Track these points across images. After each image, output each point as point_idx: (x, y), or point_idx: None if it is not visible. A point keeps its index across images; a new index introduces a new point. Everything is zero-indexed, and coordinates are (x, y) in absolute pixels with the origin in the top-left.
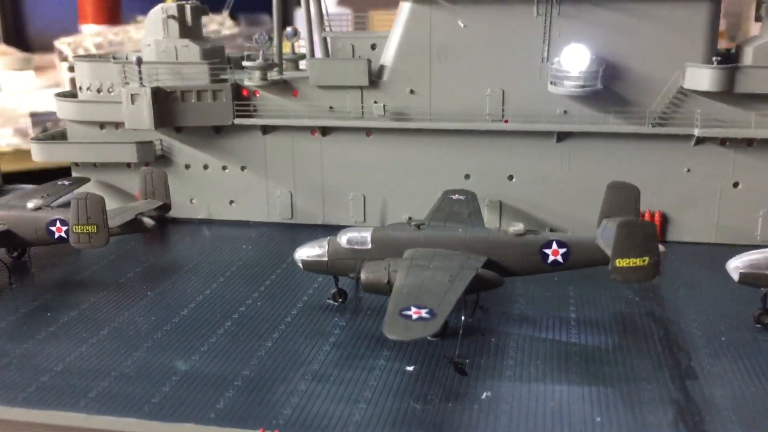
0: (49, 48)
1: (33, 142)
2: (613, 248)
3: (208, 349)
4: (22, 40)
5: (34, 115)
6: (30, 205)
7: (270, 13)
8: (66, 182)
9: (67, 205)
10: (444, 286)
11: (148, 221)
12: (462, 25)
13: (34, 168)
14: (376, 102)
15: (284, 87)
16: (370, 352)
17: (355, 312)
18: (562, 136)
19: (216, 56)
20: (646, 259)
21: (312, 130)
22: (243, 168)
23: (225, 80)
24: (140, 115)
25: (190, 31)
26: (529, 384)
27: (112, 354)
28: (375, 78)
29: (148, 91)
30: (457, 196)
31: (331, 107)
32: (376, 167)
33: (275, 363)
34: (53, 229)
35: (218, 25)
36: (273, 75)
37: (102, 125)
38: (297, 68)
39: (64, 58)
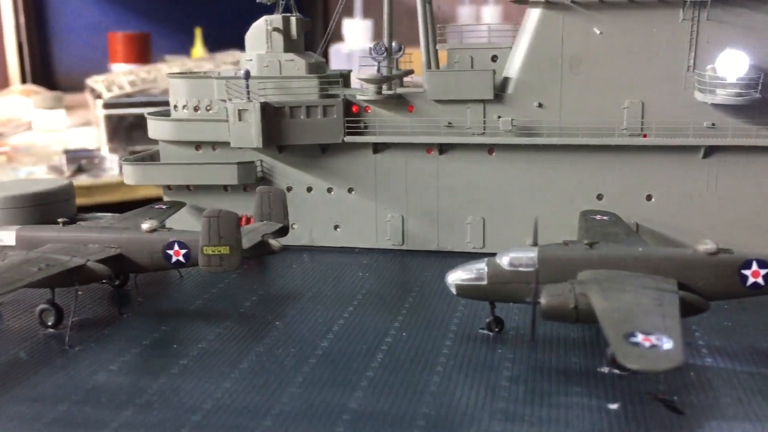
0: (76, 87)
1: (125, 164)
2: None
3: (369, 384)
4: (49, 79)
5: (68, 152)
6: (145, 226)
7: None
8: (163, 206)
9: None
10: (656, 311)
11: (276, 244)
12: (598, 32)
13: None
14: (499, 117)
15: (398, 102)
16: (556, 388)
17: (516, 342)
18: (709, 151)
19: (320, 71)
20: None
21: (428, 148)
22: (350, 190)
23: (335, 95)
24: (248, 133)
25: (294, 44)
26: (761, 424)
27: (262, 390)
28: (498, 91)
29: (257, 106)
30: (599, 216)
31: (449, 123)
32: (498, 187)
33: (453, 399)
34: (170, 252)
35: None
36: (386, 90)
37: (198, 146)
38: (401, 84)
39: (98, 96)
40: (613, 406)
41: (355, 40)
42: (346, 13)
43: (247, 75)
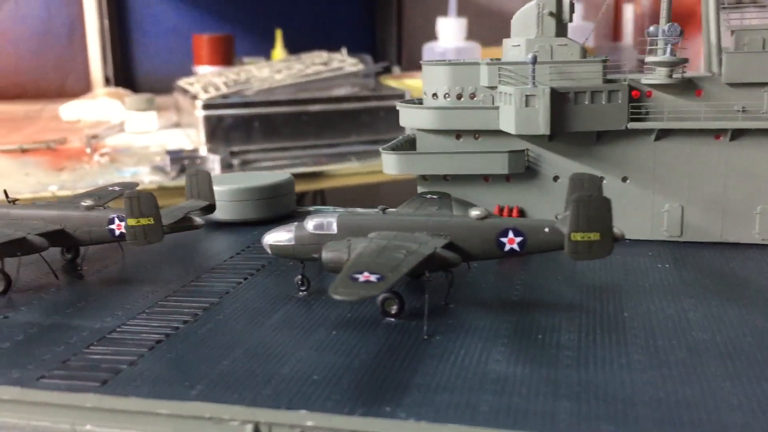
0: (156, 89)
1: (385, 153)
2: None
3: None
4: (130, 82)
5: (170, 153)
6: (474, 213)
7: (371, 53)
8: (434, 197)
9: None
10: None
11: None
12: None
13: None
14: None
15: (686, 86)
16: None
17: None
18: None
19: (584, 57)
20: None
21: (716, 134)
22: (624, 179)
23: (617, 80)
24: (534, 120)
25: (564, 29)
26: None
27: (684, 385)
28: None
29: (546, 91)
30: None
31: (743, 108)
32: None
33: None
34: (504, 240)
35: (339, 62)
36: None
37: (458, 134)
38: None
39: (194, 97)
40: None
41: (448, 38)
42: (441, 12)
43: (534, 60)
